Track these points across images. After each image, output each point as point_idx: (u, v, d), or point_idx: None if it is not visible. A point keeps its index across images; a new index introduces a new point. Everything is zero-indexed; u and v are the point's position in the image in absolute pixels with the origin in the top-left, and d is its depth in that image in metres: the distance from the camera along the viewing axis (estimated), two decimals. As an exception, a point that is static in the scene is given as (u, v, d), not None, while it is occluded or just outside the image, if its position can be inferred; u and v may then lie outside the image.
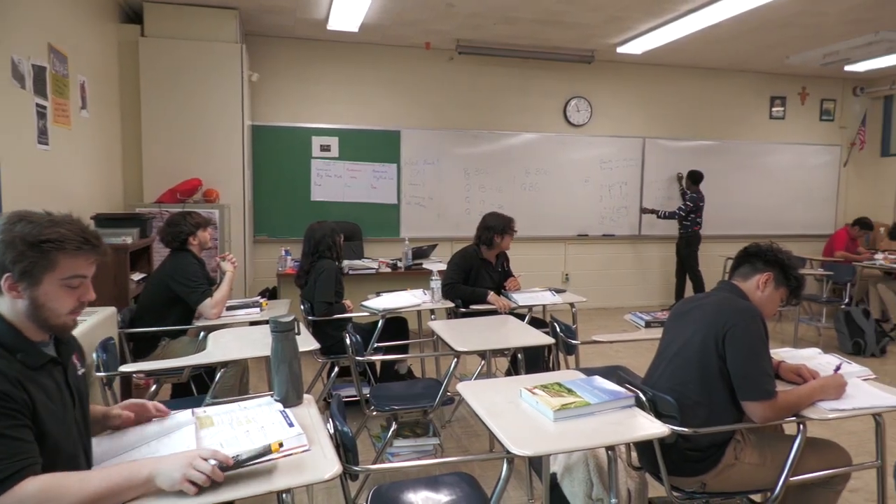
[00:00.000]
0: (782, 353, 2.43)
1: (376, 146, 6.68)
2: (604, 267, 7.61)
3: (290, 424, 1.54)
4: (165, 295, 3.29)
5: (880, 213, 7.97)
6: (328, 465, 1.43)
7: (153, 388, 2.79)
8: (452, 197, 6.95)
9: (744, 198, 7.86)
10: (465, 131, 6.95)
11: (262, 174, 6.34)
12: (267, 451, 1.35)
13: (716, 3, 5.00)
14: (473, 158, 6.99)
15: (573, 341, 3.13)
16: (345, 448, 1.70)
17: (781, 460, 1.98)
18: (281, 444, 1.38)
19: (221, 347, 2.63)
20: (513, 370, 3.59)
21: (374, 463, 2.87)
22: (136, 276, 4.01)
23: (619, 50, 6.57)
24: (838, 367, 2.28)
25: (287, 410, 1.65)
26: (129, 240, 3.83)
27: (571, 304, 4.01)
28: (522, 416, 1.83)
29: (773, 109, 7.99)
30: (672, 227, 7.63)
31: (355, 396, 3.01)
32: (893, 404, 2.00)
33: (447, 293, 3.88)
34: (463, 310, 3.82)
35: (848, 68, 7.27)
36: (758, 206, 7.96)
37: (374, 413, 2.80)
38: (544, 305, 4.01)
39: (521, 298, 3.91)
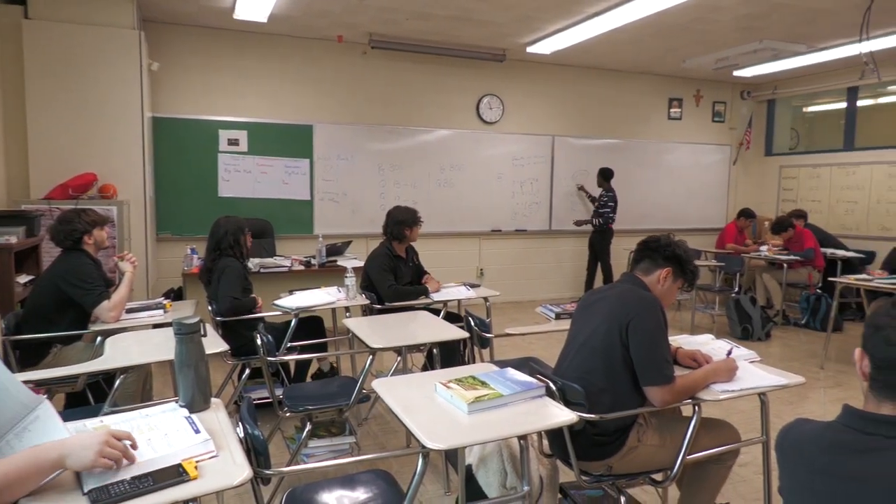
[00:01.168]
0: (679, 340, 2.59)
1: (288, 141, 6.51)
2: (517, 261, 7.80)
3: (196, 431, 1.48)
4: (56, 298, 3.07)
5: (764, 208, 8.64)
6: (237, 470, 1.38)
7: (44, 398, 2.59)
8: (367, 193, 6.89)
9: (645, 193, 8.28)
10: (380, 127, 6.90)
11: (166, 169, 6.02)
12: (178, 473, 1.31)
13: (619, 7, 5.23)
14: (388, 154, 6.96)
15: (487, 335, 3.19)
16: (256, 452, 1.65)
17: (679, 441, 2.11)
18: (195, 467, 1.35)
19: (121, 352, 2.48)
20: (429, 365, 3.62)
21: (288, 465, 2.81)
22: (23, 279, 3.71)
23: (530, 50, 6.74)
24: (730, 352, 2.45)
25: (193, 416, 1.58)
26: (12, 239, 3.53)
27: (485, 299, 4.08)
28: (438, 410, 1.84)
29: (671, 110, 8.48)
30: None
31: (268, 398, 2.93)
32: (776, 384, 2.18)
33: (393, 296, 3.83)
34: (378, 306, 3.79)
35: (737, 73, 7.83)
36: (658, 201, 8.42)
37: (288, 414, 2.74)
38: (459, 300, 4.06)
39: (437, 294, 3.94)
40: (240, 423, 1.72)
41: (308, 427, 2.74)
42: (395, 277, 3.97)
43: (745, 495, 2.86)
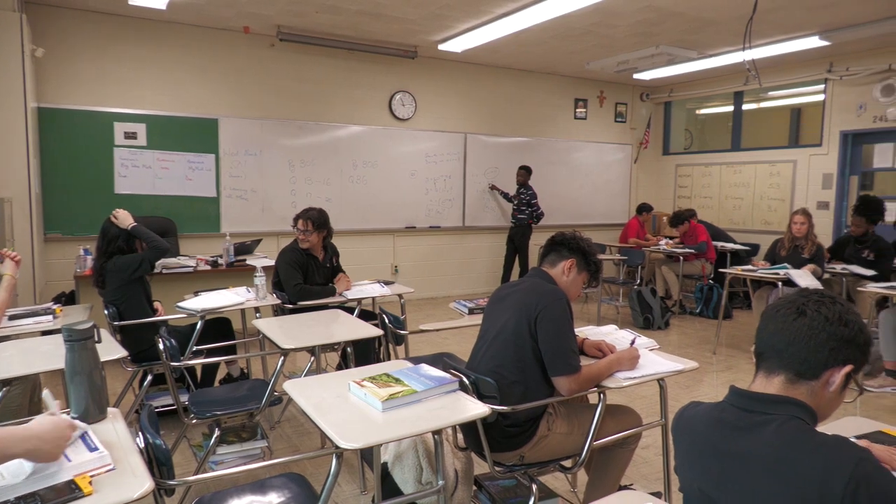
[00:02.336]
0: (586, 331, 2.71)
1: (191, 135, 6.21)
2: (431, 258, 7.85)
3: (90, 443, 1.39)
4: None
5: (662, 204, 9.17)
6: (137, 482, 1.31)
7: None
8: (277, 189, 6.70)
9: (554, 191, 8.56)
10: (290, 122, 6.73)
11: (54, 163, 5.58)
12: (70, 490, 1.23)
13: (525, 10, 5.37)
14: (299, 150, 6.80)
15: (402, 332, 3.20)
16: (158, 462, 1.58)
17: (587, 427, 2.20)
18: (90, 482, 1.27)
19: (2, 363, 2.29)
20: (343, 364, 3.57)
21: (195, 474, 2.69)
22: None
23: (441, 47, 6.79)
24: (633, 341, 2.59)
25: (87, 428, 1.49)
26: None
27: (400, 296, 4.07)
28: (352, 409, 1.83)
29: (577, 110, 8.81)
30: (495, 218, 8.12)
31: (173, 405, 2.79)
32: (672, 370, 2.32)
33: (298, 295, 3.73)
34: (290, 306, 3.71)
35: (636, 76, 8.24)
36: (566, 198, 8.73)
37: (195, 421, 2.62)
38: (373, 298, 4.04)
39: (350, 292, 3.90)
40: (140, 433, 1.63)
41: (216, 433, 2.64)
42: (305, 276, 3.88)
43: (647, 476, 3.03)
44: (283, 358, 2.76)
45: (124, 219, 3.41)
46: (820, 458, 1.08)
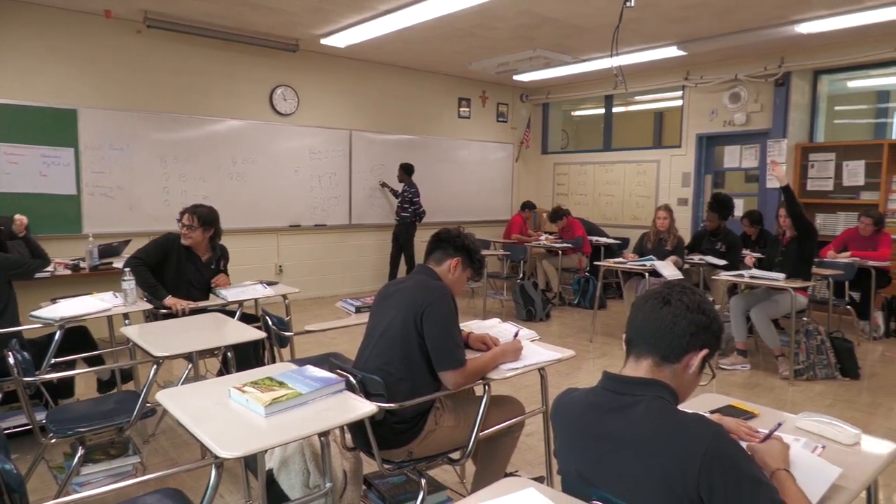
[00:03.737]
0: (471, 325, 2.77)
1: (45, 126, 5.63)
2: (317, 256, 7.69)
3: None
4: None
5: (542, 201, 9.59)
6: (-16, 513, 1.18)
7: None
8: (148, 187, 6.26)
9: (439, 188, 8.68)
10: (162, 114, 6.30)
11: None
12: None
13: (408, 7, 5.39)
14: (172, 145, 6.39)
15: (286, 333, 3.11)
16: (9, 489, 1.42)
17: (473, 419, 2.26)
18: None
19: None
20: (224, 370, 3.41)
21: (55, 498, 2.46)
22: None
23: (324, 42, 6.66)
24: (516, 333, 2.68)
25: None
26: None
27: (284, 296, 3.96)
28: (233, 416, 1.75)
29: (461, 109, 8.99)
30: (383, 216, 8.09)
31: (27, 425, 2.53)
32: (551, 359, 2.44)
33: (130, 264, 3.47)
34: (164, 311, 3.48)
35: (516, 78, 8.55)
36: (452, 195, 8.89)
37: (54, 440, 2.39)
38: (256, 299, 3.89)
39: (231, 294, 3.72)
40: (-14, 458, 1.46)
41: (80, 452, 2.42)
42: (176, 270, 3.64)
43: (531, 461, 3.16)
44: (155, 367, 2.58)
45: (20, 226, 3.09)
46: (679, 436, 1.19)
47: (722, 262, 5.56)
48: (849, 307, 5.67)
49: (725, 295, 5.19)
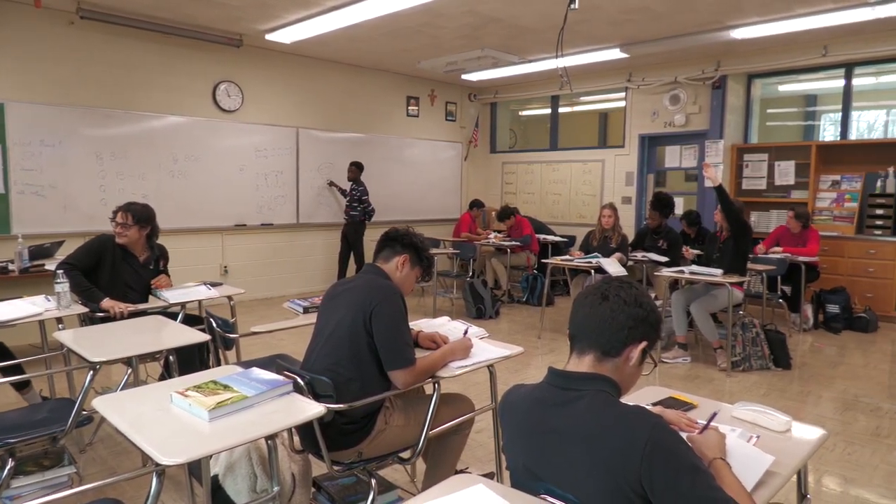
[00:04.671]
0: (420, 324, 2.77)
1: (-32, 121, 5.32)
2: (264, 256, 7.54)
3: None
4: None
5: (491, 200, 9.67)
6: None
7: None
8: (83, 185, 5.99)
9: (389, 187, 8.64)
10: (97, 109, 6.04)
11: None
12: None
13: (354, 5, 5.34)
14: (108, 141, 6.13)
15: (231, 335, 3.04)
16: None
17: (423, 418, 2.26)
18: None
19: None
20: (166, 374, 3.30)
21: (-17, 514, 2.33)
22: None
23: (269, 37, 6.52)
24: (466, 331, 2.70)
25: None
26: None
27: (229, 297, 3.86)
28: (175, 422, 1.70)
29: (410, 108, 8.98)
30: (331, 215, 8.00)
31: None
32: (500, 356, 2.46)
33: (62, 267, 3.33)
34: (101, 314, 3.34)
35: (465, 77, 8.59)
36: (401, 194, 8.86)
37: (-20, 453, 2.26)
38: (199, 301, 3.78)
39: (173, 295, 3.60)
40: None
41: (10, 464, 2.30)
42: (111, 271, 3.50)
43: (481, 458, 3.19)
44: (91, 373, 2.48)
45: None
46: (621, 428, 1.23)
47: (664, 259, 5.74)
48: (781, 301, 5.95)
49: (667, 290, 5.36)
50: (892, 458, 3.22)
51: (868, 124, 7.20)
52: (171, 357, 2.73)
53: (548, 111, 9.31)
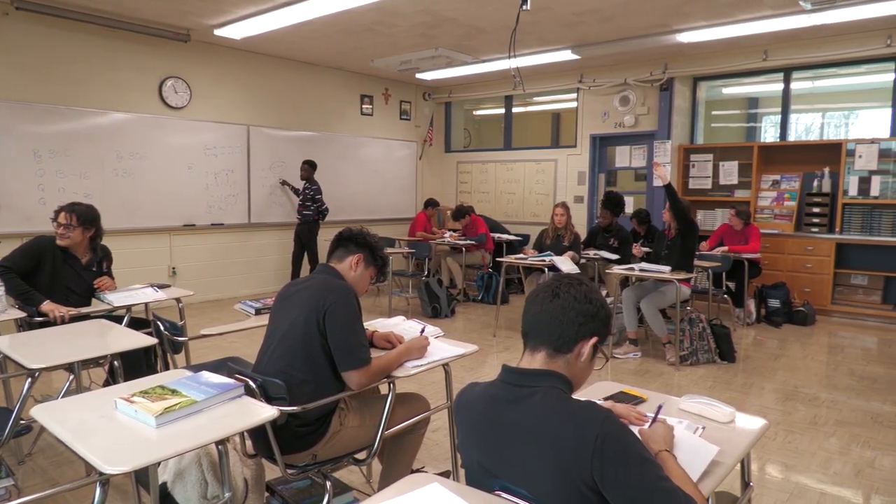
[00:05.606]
0: (375, 324, 2.76)
1: None
2: (215, 257, 7.36)
3: None
4: None
5: (446, 199, 9.70)
6: None
7: None
8: (19, 184, 5.72)
9: (343, 186, 8.56)
10: (34, 105, 5.78)
11: None
12: None
13: (306, 1, 5.26)
14: (47, 138, 5.87)
15: (180, 339, 2.96)
16: None
17: (378, 418, 2.25)
18: None
19: None
20: (111, 380, 3.19)
21: (-89, 532, 2.20)
22: None
23: (217, 32, 6.37)
24: (422, 330, 2.70)
25: None
26: None
27: (178, 300, 3.77)
28: (120, 429, 1.64)
29: (364, 106, 8.91)
30: (284, 214, 7.87)
31: None
32: (455, 354, 2.47)
33: (12, 291, 3.19)
34: (39, 318, 3.20)
35: (419, 76, 8.58)
36: (355, 193, 8.79)
37: None
38: (146, 303, 3.67)
39: (117, 298, 3.48)
40: None
41: (-59, 479, 2.19)
42: (52, 278, 3.36)
43: (437, 457, 3.20)
44: (30, 380, 2.37)
45: None
46: (572, 423, 1.25)
47: (615, 257, 5.87)
48: (726, 296, 6.17)
49: (618, 287, 5.47)
50: (828, 445, 3.38)
51: (806, 126, 7.53)
52: (115, 362, 2.64)
53: (502, 111, 9.39)
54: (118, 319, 3.35)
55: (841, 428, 3.62)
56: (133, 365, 3.06)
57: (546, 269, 5.41)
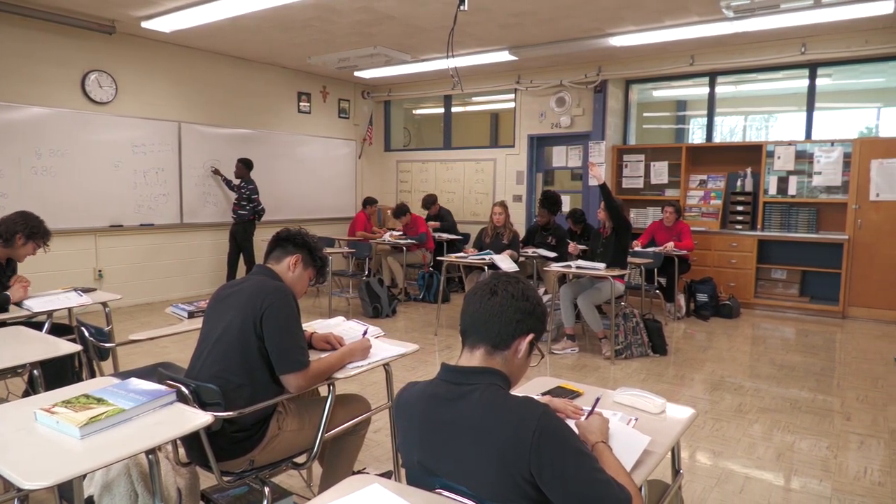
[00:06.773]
0: (314, 325, 2.72)
1: None
2: (145, 259, 7.06)
3: None
4: None
5: (387, 198, 9.65)
6: None
7: None
8: (-76, 182, 5.32)
9: (280, 185, 8.38)
10: (-61, 98, 5.39)
11: None
12: None
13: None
14: (-45, 133, 5.49)
15: (106, 345, 2.82)
16: None
17: (318, 420, 2.22)
18: None
19: None
20: (31, 390, 3.01)
21: None
22: None
23: (145, 25, 6.11)
24: (365, 332, 2.67)
25: None
26: None
27: (104, 304, 3.59)
28: (40, 441, 1.56)
29: (301, 104, 8.75)
30: (218, 214, 7.64)
31: None
32: (395, 354, 2.47)
33: None
34: (-50, 327, 2.99)
35: (357, 74, 8.50)
36: (293, 192, 8.62)
37: None
38: (69, 308, 3.48)
39: (37, 303, 3.29)
40: None
41: None
42: None
43: (379, 457, 3.18)
44: (-61, 393, 2.21)
45: None
46: (510, 419, 1.27)
47: (552, 255, 6.00)
48: (657, 291, 6.41)
49: (556, 284, 5.60)
50: (752, 431, 3.56)
51: (730, 129, 7.91)
52: (35, 371, 2.49)
53: (441, 110, 9.43)
54: (38, 326, 3.17)
55: (763, 415, 3.82)
56: (56, 374, 2.90)
57: (486, 268, 5.47)
